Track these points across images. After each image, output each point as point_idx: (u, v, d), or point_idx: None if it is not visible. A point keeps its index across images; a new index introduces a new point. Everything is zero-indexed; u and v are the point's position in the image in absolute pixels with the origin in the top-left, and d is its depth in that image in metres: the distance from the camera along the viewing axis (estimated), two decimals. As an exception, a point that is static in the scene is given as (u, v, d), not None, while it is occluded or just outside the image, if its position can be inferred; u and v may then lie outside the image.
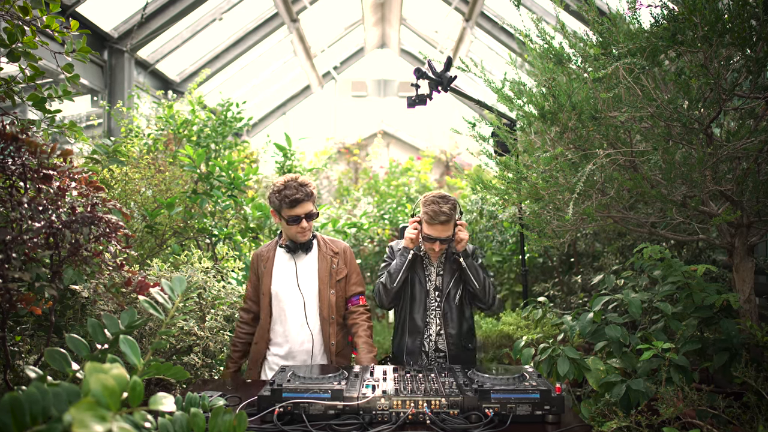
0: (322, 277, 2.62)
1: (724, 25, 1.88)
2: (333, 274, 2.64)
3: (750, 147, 2.01)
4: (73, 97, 2.22)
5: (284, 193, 2.47)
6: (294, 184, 2.50)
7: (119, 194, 3.40)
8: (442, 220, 2.48)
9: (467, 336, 2.68)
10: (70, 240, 1.74)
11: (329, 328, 2.60)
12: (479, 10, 7.66)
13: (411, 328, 2.67)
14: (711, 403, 1.92)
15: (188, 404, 1.45)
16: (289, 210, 2.49)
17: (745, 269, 2.27)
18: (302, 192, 2.48)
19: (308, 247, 2.63)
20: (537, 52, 2.37)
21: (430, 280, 2.70)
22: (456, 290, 2.65)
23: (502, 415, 1.86)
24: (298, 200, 2.47)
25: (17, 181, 1.74)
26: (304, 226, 2.54)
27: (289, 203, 2.47)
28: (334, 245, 2.71)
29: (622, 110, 2.10)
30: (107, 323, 1.38)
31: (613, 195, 2.30)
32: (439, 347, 2.66)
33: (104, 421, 0.71)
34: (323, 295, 2.60)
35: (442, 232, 2.52)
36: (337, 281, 2.64)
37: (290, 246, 2.61)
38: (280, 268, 2.64)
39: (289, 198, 2.46)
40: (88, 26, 5.95)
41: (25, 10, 1.99)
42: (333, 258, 2.66)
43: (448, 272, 2.67)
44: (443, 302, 2.65)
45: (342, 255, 2.70)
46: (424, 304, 2.67)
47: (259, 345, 2.63)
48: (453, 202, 2.53)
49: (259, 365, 2.64)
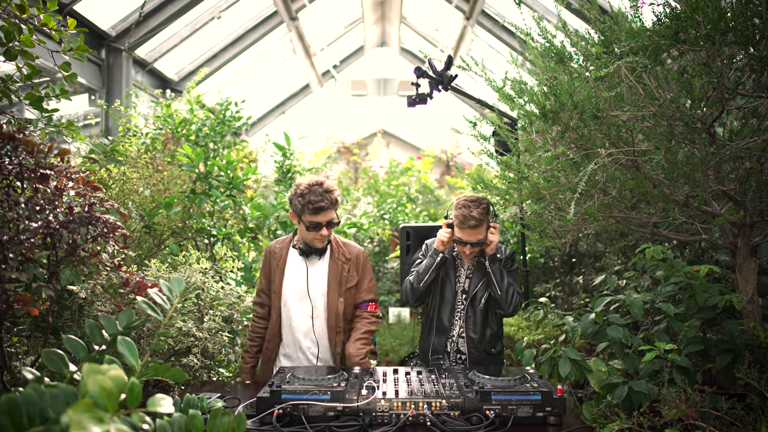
0: (331, 284, 2.55)
1: (727, 23, 1.87)
2: (343, 281, 2.56)
3: (753, 146, 2.00)
4: (71, 96, 2.20)
5: (309, 198, 2.38)
6: (319, 190, 2.40)
7: (117, 194, 3.39)
8: (472, 225, 2.47)
9: (491, 341, 2.64)
10: (67, 240, 1.73)
11: (336, 336, 2.55)
12: (480, 8, 7.64)
13: (438, 327, 2.67)
14: (714, 404, 1.91)
15: (186, 406, 1.45)
16: (311, 216, 2.41)
17: (748, 270, 2.26)
18: (327, 200, 2.40)
19: (321, 252, 2.57)
20: (538, 51, 2.35)
21: (459, 282, 2.69)
22: (482, 294, 2.63)
23: (503, 417, 1.85)
24: (322, 208, 2.39)
25: (14, 180, 1.73)
26: (324, 233, 2.46)
27: (312, 210, 2.38)
28: (348, 250, 2.63)
29: (624, 109, 2.09)
30: (105, 324, 1.37)
31: (615, 195, 2.28)
32: (460, 349, 2.65)
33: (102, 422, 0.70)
34: (331, 304, 2.54)
35: (472, 236, 2.50)
36: (347, 289, 2.57)
37: (304, 249, 2.54)
38: (292, 269, 2.59)
39: (314, 205, 2.37)
40: (86, 24, 5.93)
41: (22, 8, 1.97)
42: (344, 264, 2.58)
43: (477, 275, 2.65)
44: (468, 305, 2.64)
45: (354, 261, 2.61)
46: (451, 305, 2.67)
47: (270, 343, 2.61)
48: (485, 206, 2.51)
49: (271, 363, 2.63)
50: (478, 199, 2.54)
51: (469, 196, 2.55)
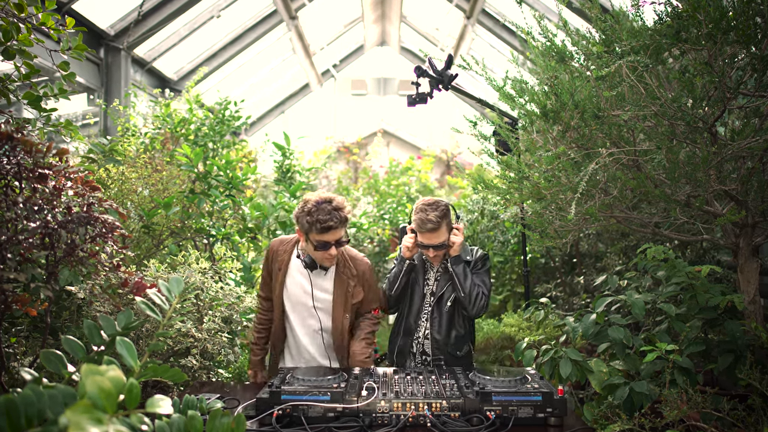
0: (336, 301, 2.46)
1: (729, 22, 1.86)
2: (348, 298, 2.48)
3: (755, 146, 1.99)
4: (69, 96, 2.19)
5: (317, 218, 2.25)
6: (328, 208, 2.27)
7: (116, 194, 3.37)
8: (429, 228, 2.46)
9: (456, 343, 2.64)
10: (66, 240, 1.72)
11: (344, 351, 2.51)
12: (480, 7, 7.63)
13: (405, 328, 2.70)
14: (715, 405, 1.90)
15: (186, 407, 1.44)
16: (318, 236, 2.28)
17: (749, 270, 2.25)
18: (336, 218, 2.26)
19: (326, 268, 2.46)
20: (539, 50, 2.35)
21: (428, 284, 2.71)
22: (449, 296, 2.63)
23: (504, 418, 1.84)
24: (330, 227, 2.25)
25: (12, 180, 1.72)
26: (333, 253, 2.33)
27: (320, 230, 2.25)
28: (355, 266, 2.52)
29: (625, 109, 2.08)
30: (104, 325, 1.37)
31: (616, 195, 2.27)
32: (425, 350, 2.66)
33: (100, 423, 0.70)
34: (336, 320, 2.47)
35: (432, 239, 2.50)
36: (352, 304, 2.51)
37: (308, 263, 2.41)
38: (293, 280, 2.50)
39: (322, 224, 2.24)
40: (84, 24, 5.92)
41: (21, 7, 1.96)
42: (349, 280, 2.48)
43: (444, 277, 2.67)
44: (434, 306, 2.65)
45: (360, 278, 2.52)
46: (418, 307, 2.69)
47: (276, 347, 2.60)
48: (442, 209, 2.49)
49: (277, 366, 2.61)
50: (436, 202, 2.52)
51: (427, 200, 2.54)
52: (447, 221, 2.52)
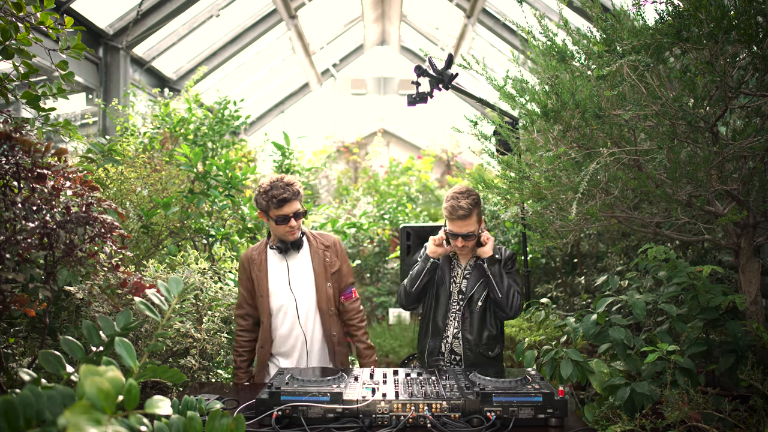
0: (317, 271, 2.65)
1: (730, 21, 1.86)
2: (327, 267, 2.68)
3: (756, 146, 1.99)
4: (68, 95, 2.18)
5: (271, 194, 2.50)
6: (280, 184, 2.52)
7: (115, 194, 3.37)
8: (461, 215, 2.46)
9: (488, 343, 2.59)
10: (64, 240, 1.71)
11: (329, 319, 2.65)
12: (481, 6, 7.61)
13: (433, 329, 2.66)
14: (717, 406, 1.90)
15: (185, 407, 1.44)
16: (276, 210, 2.52)
17: (751, 270, 2.24)
18: (289, 191, 2.51)
19: (299, 245, 2.66)
20: (540, 49, 2.34)
21: (455, 282, 2.67)
22: (479, 295, 2.59)
23: (504, 419, 1.84)
24: (285, 200, 2.50)
25: (11, 180, 1.71)
26: (293, 225, 2.56)
27: (277, 203, 2.50)
28: (324, 239, 2.74)
29: (626, 108, 2.07)
30: (102, 325, 1.36)
31: (617, 194, 2.27)
32: (454, 350, 2.62)
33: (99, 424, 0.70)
34: (320, 289, 2.64)
35: (462, 228, 2.49)
36: (332, 273, 2.69)
37: (281, 246, 2.62)
38: (274, 268, 2.66)
39: (277, 198, 2.49)
40: (83, 23, 5.90)
41: (19, 6, 1.95)
42: (325, 251, 2.70)
43: (474, 276, 2.62)
44: (465, 306, 2.61)
45: (333, 248, 2.73)
46: (446, 306, 2.65)
47: (264, 348, 2.64)
48: (474, 198, 2.51)
49: (266, 367, 2.67)
50: (468, 189, 2.54)
51: (458, 188, 2.56)
52: (478, 210, 2.52)
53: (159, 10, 6.44)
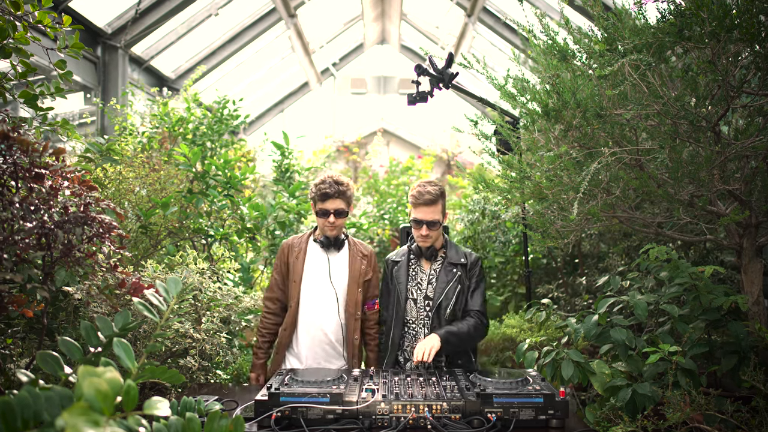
0: (352, 276, 2.76)
1: (732, 20, 1.85)
2: (361, 274, 2.78)
3: (759, 145, 1.98)
4: (66, 95, 2.17)
5: (319, 186, 2.67)
6: (329, 180, 2.68)
7: (113, 194, 3.35)
8: (426, 200, 2.54)
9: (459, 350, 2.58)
10: (62, 240, 1.70)
11: (354, 323, 2.73)
12: (481, 5, 7.60)
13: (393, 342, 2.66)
14: (719, 407, 1.89)
15: (184, 409, 1.44)
16: (320, 203, 2.68)
17: (753, 270, 2.23)
18: (334, 188, 2.65)
19: (340, 245, 2.78)
20: (541, 48, 2.33)
21: (420, 289, 2.68)
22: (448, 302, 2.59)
23: (505, 420, 1.83)
24: (328, 195, 2.65)
25: (8, 180, 1.70)
26: (332, 221, 2.68)
27: (321, 196, 2.66)
28: (363, 248, 2.87)
29: (627, 108, 2.06)
30: (101, 326, 1.35)
31: (619, 194, 2.26)
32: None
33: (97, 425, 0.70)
34: (351, 293, 2.74)
35: (427, 214, 2.56)
36: (364, 281, 2.79)
37: (324, 241, 2.75)
38: (312, 259, 2.78)
39: (321, 191, 2.65)
40: (81, 22, 5.87)
41: (17, 4, 1.94)
42: (362, 259, 2.82)
43: (442, 281, 2.63)
44: (433, 314, 2.60)
45: (369, 258, 2.85)
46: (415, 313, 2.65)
47: (288, 331, 2.74)
48: (440, 187, 2.60)
49: (284, 350, 2.76)
50: (434, 181, 2.67)
51: (425, 179, 2.67)
52: (443, 202, 2.61)
53: (157, 9, 6.42)
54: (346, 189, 2.70)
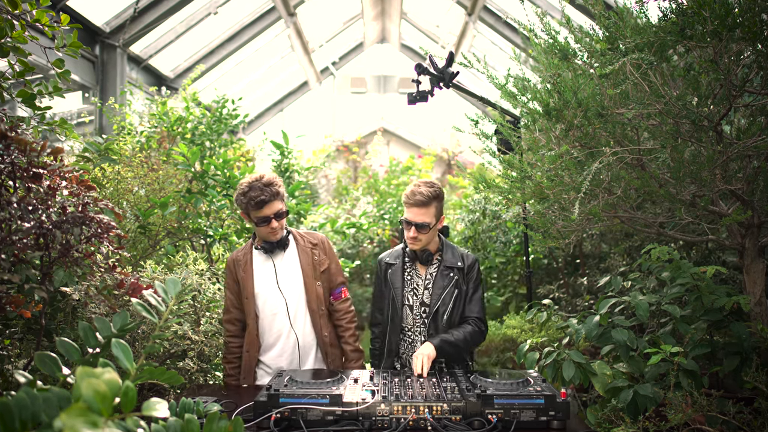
0: (306, 270, 2.58)
1: (735, 19, 1.84)
2: (316, 266, 2.61)
3: (761, 145, 1.97)
4: (64, 94, 2.17)
5: (249, 195, 2.42)
6: (258, 185, 2.44)
7: (111, 193, 3.34)
8: (418, 201, 2.43)
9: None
10: (60, 241, 1.70)
11: (320, 320, 2.57)
12: (482, 4, 7.60)
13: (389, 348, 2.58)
14: (721, 408, 1.88)
15: (182, 410, 1.43)
16: (256, 212, 2.45)
17: (756, 271, 2.23)
18: (267, 192, 2.43)
19: (285, 245, 2.59)
20: (542, 47, 2.31)
21: (416, 294, 2.59)
22: (445, 309, 2.51)
23: (506, 421, 1.82)
24: (264, 201, 2.42)
25: (6, 180, 1.69)
26: (274, 226, 2.49)
27: (255, 205, 2.42)
28: (311, 237, 2.68)
29: (629, 107, 2.06)
30: (99, 326, 1.35)
31: (620, 194, 2.25)
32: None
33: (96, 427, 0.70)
34: (310, 288, 2.57)
35: (417, 215, 2.44)
36: (321, 272, 2.62)
37: (266, 246, 2.55)
38: (259, 269, 2.58)
39: (255, 200, 2.41)
40: (79, 20, 5.86)
41: (14, 3, 1.93)
42: (312, 250, 2.63)
43: (438, 286, 2.53)
44: (429, 321, 2.52)
45: (321, 246, 2.67)
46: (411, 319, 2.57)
47: (250, 352, 2.55)
48: (437, 189, 2.48)
49: (253, 371, 2.57)
50: (433, 182, 2.53)
51: (424, 179, 2.56)
52: (437, 205, 2.48)
53: (156, 8, 6.40)
54: (279, 187, 2.49)
